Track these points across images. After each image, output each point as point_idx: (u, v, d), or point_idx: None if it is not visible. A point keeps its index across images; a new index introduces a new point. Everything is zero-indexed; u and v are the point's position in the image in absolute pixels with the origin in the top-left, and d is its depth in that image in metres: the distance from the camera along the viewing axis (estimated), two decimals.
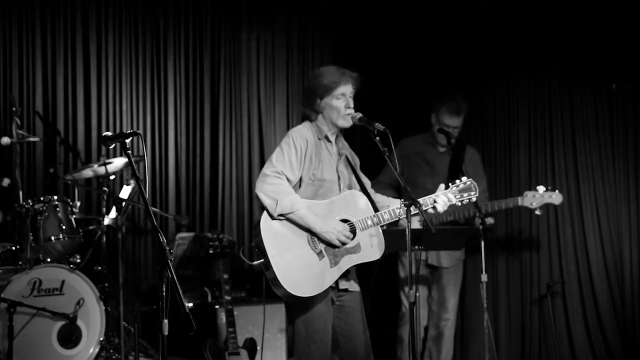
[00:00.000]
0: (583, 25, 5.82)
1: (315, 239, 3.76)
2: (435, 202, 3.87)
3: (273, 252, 3.69)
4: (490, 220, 5.20)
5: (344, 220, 3.82)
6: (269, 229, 3.73)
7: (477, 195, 3.98)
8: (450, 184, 3.97)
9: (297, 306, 3.79)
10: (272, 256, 3.69)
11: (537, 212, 5.21)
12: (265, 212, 3.75)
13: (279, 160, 3.80)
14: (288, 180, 3.80)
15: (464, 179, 3.98)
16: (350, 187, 3.97)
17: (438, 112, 5.30)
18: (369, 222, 3.82)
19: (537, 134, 5.98)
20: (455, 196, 3.93)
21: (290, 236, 3.75)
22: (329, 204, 3.82)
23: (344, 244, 3.76)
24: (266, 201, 3.72)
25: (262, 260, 3.71)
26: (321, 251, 3.76)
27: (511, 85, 6.10)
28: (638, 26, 5.68)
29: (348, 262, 3.79)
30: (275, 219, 3.74)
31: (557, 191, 5.24)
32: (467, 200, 3.97)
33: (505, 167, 6.07)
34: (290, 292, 3.67)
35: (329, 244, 3.76)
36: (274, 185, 3.74)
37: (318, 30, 6.58)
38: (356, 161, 4.11)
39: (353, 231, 3.81)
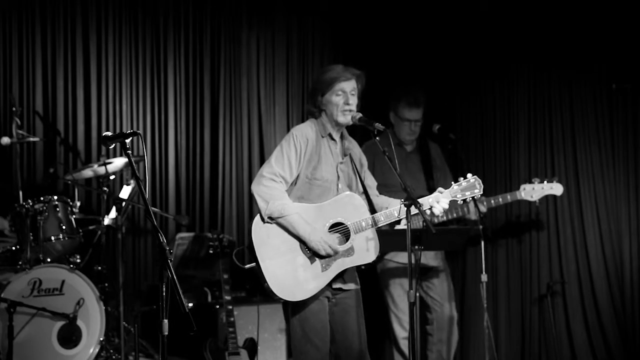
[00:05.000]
0: (583, 26, 5.81)
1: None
2: (432, 207, 3.83)
3: (264, 255, 3.71)
4: (481, 209, 5.16)
5: (337, 224, 3.81)
6: (261, 232, 3.74)
7: (480, 192, 3.93)
8: (452, 183, 3.94)
9: (292, 305, 3.80)
10: (262, 259, 3.70)
11: (537, 203, 5.24)
12: (258, 214, 3.76)
13: (278, 161, 3.81)
14: (286, 181, 3.81)
15: (469, 176, 3.94)
16: (350, 188, 3.95)
17: (397, 108, 5.20)
18: (363, 225, 3.80)
19: (537, 133, 5.97)
20: (457, 195, 3.91)
21: (283, 240, 3.75)
22: (321, 208, 3.81)
23: (329, 255, 3.75)
24: (259, 202, 3.75)
25: (254, 263, 3.72)
26: (312, 255, 3.76)
27: (511, 85, 6.09)
28: (638, 26, 5.67)
29: (340, 265, 3.79)
30: (267, 222, 3.74)
31: (555, 181, 5.24)
32: (470, 199, 3.93)
33: (505, 167, 6.06)
34: (280, 296, 3.70)
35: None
36: (267, 188, 3.75)
37: (318, 30, 6.58)
38: (363, 162, 4.08)
39: (347, 234, 3.80)
